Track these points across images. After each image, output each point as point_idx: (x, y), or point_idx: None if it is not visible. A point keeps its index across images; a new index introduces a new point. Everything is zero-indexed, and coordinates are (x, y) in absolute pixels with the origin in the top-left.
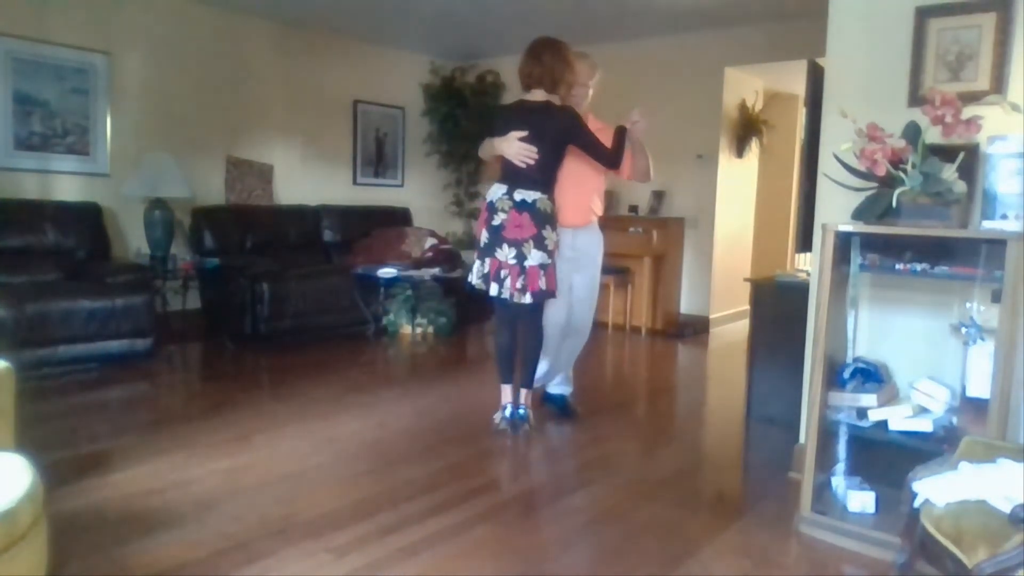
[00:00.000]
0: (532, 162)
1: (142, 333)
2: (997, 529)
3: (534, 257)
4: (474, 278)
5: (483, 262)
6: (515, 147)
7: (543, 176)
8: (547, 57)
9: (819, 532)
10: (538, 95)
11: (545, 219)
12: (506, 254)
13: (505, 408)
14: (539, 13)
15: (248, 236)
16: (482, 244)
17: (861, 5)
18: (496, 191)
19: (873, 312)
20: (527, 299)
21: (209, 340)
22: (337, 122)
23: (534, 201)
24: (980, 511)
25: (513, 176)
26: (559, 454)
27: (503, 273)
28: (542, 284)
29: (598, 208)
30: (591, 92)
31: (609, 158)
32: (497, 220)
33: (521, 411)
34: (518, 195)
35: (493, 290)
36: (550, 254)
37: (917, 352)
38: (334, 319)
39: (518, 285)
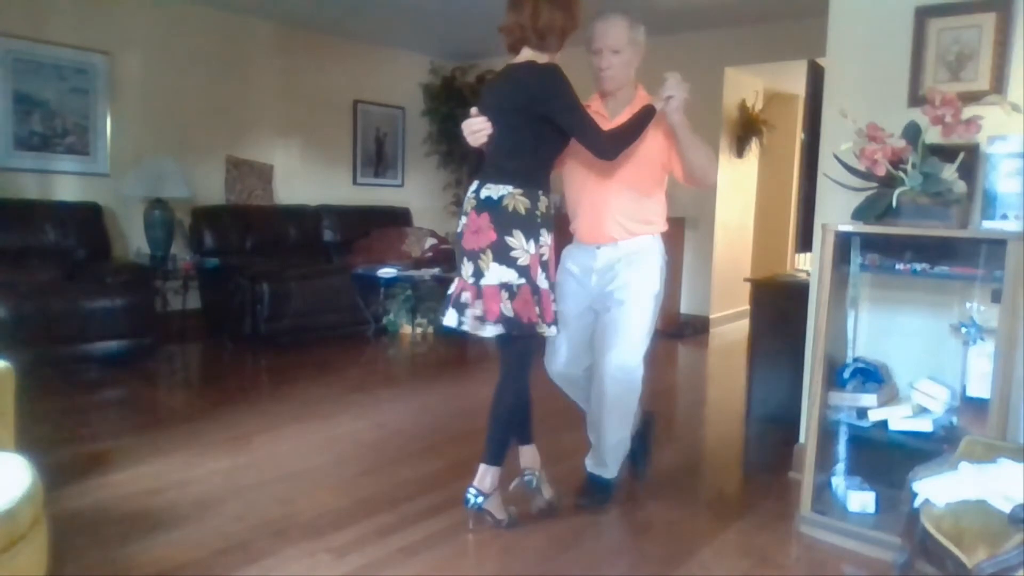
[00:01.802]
0: (483, 140)
1: (142, 333)
2: (997, 529)
3: (493, 272)
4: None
5: (453, 284)
6: (463, 126)
7: (514, 162)
8: (529, 3)
9: (819, 532)
10: (525, 55)
11: (512, 221)
12: (466, 270)
13: (469, 490)
14: None
15: (248, 236)
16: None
17: (861, 5)
18: (469, 190)
19: (873, 312)
20: (486, 331)
21: (209, 340)
22: (337, 122)
23: (500, 197)
24: (980, 511)
25: (487, 167)
26: (559, 455)
27: (464, 296)
28: (505, 310)
29: (651, 219)
30: (629, 59)
31: (599, 141)
32: (459, 227)
33: (477, 499)
34: (485, 191)
35: (450, 319)
36: (523, 270)
37: (917, 352)
38: (334, 319)
39: (476, 312)
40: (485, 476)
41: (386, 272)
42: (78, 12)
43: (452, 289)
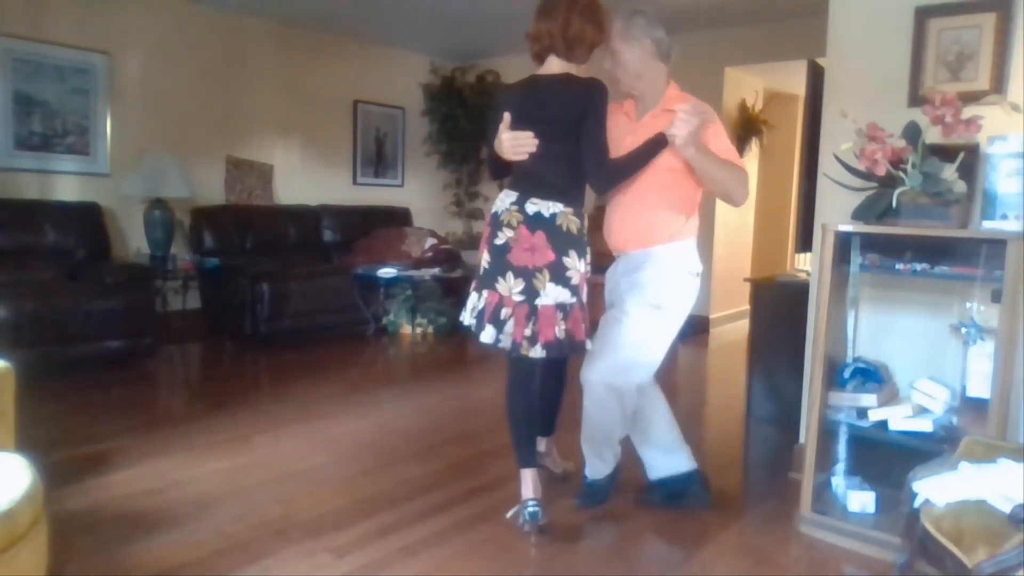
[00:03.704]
0: (531, 151)
1: (142, 333)
2: (997, 529)
3: (549, 293)
4: (467, 316)
5: (479, 295)
6: (506, 139)
7: (561, 179)
8: (561, 8)
9: (819, 532)
10: (554, 66)
11: (568, 241)
12: (510, 286)
13: (527, 504)
14: None
15: (248, 236)
16: (481, 271)
17: (861, 5)
18: (503, 200)
19: (873, 312)
20: (537, 352)
21: (209, 340)
22: (337, 122)
23: (553, 215)
24: (980, 511)
25: (526, 180)
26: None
27: (504, 312)
28: (559, 332)
29: (667, 228)
30: (630, 58)
31: (598, 172)
32: (501, 239)
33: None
34: (531, 206)
35: (487, 335)
36: (574, 290)
37: (917, 352)
38: (334, 319)
39: (526, 332)
40: (528, 481)
41: (386, 272)
42: (78, 12)
43: (479, 302)
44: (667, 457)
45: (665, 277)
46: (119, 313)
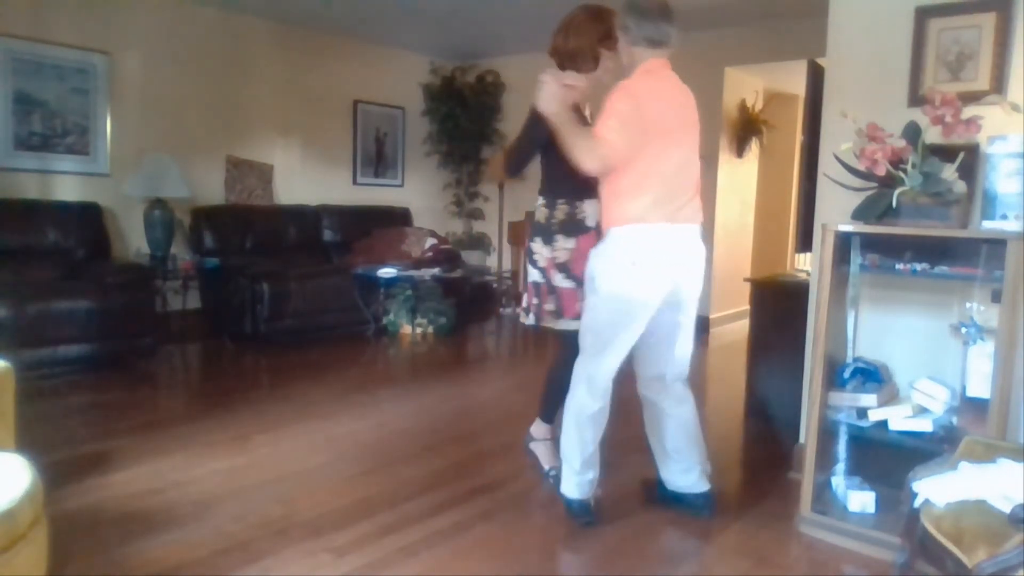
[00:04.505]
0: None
1: (142, 333)
2: (997, 529)
3: (530, 273)
4: None
5: None
6: None
7: (544, 178)
8: (563, 30)
9: (819, 532)
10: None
11: (536, 229)
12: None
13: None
14: (539, 13)
15: (248, 236)
16: None
17: (861, 5)
18: None
19: (873, 312)
20: (529, 320)
21: (209, 340)
22: (337, 122)
23: (536, 209)
24: (980, 511)
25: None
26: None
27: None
28: (530, 301)
29: (610, 209)
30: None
31: (505, 158)
32: None
33: (528, 440)
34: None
35: (524, 316)
36: (542, 272)
37: (917, 352)
38: (334, 319)
39: (523, 303)
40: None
41: (386, 272)
42: (78, 12)
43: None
44: (684, 476)
45: (600, 262)
46: (119, 313)
